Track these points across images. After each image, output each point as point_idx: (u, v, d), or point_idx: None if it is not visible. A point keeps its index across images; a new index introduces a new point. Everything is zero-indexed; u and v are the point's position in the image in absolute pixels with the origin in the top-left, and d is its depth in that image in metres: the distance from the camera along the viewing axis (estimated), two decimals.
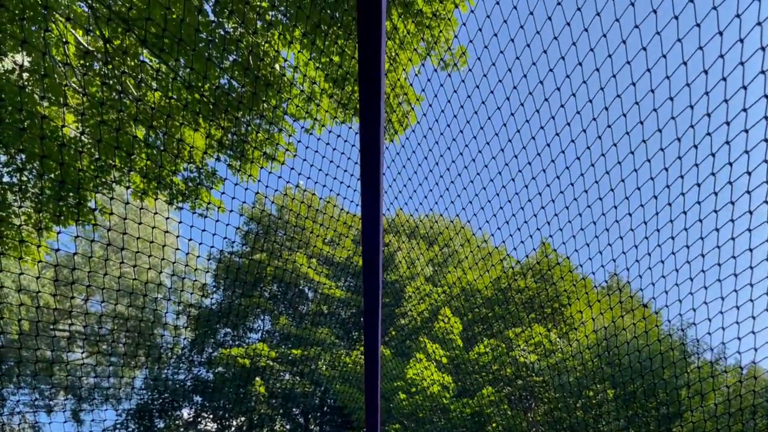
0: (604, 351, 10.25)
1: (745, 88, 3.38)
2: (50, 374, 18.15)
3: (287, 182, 6.42)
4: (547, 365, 13.03)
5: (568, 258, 13.30)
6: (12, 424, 17.14)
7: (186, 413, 19.33)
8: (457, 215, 7.23)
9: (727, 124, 3.68)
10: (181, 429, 17.49)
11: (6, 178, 6.90)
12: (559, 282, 13.92)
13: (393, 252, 18.90)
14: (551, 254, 14.08)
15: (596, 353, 11.34)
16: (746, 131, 3.53)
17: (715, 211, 4.14)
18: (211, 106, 6.61)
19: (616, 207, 4.87)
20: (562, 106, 4.37)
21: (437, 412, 13.59)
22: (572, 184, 4.98)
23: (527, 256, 13.47)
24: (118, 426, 17.78)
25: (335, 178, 6.68)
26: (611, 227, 5.10)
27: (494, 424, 13.25)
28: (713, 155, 3.89)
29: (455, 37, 6.84)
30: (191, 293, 18.69)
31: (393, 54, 6.72)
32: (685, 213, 4.39)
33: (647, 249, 4.97)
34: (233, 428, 19.01)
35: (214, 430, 18.94)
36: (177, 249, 6.81)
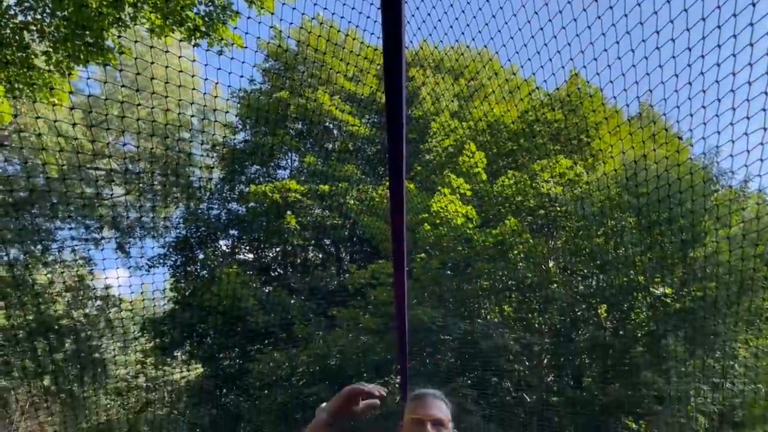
0: (630, 183, 10.26)
1: None
2: (93, 211, 19.18)
3: (302, 13, 6.07)
4: (571, 197, 13.20)
5: (601, 90, 12.78)
6: (64, 257, 18.48)
7: (224, 244, 20.59)
8: (485, 46, 6.86)
9: None
10: (220, 259, 18.69)
11: (20, 17, 6.70)
12: (590, 114, 13.58)
13: (417, 87, 18.40)
14: (582, 86, 13.56)
15: (622, 185, 11.40)
16: None
17: None
18: None
19: (658, 32, 4.51)
20: None
21: (461, 241, 14.17)
22: (612, 7, 4.59)
23: (557, 88, 12.97)
24: (161, 257, 19.05)
25: (353, 8, 6.30)
26: (651, 54, 4.77)
27: (516, 252, 13.83)
28: None
29: None
30: (213, 134, 18.86)
31: None
32: (735, 37, 4.04)
33: (689, 78, 4.66)
34: (269, 258, 20.29)
35: (251, 259, 20.25)
36: (193, 89, 6.70)
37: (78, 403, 14.23)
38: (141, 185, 19.64)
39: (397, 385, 13.63)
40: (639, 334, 12.66)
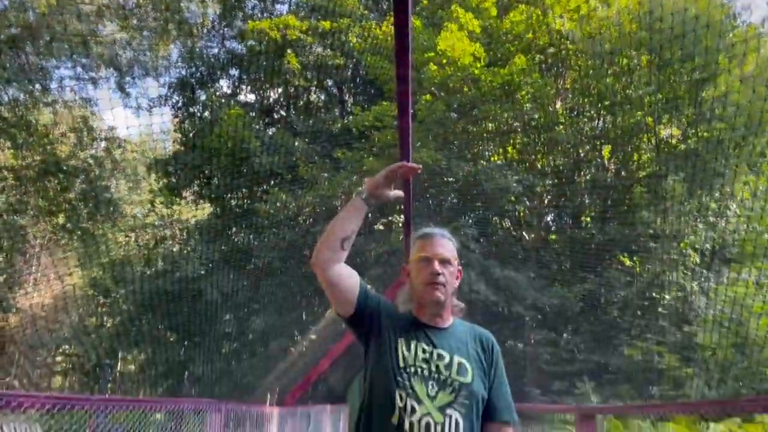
0: (647, 18, 9.67)
1: None
2: (88, 49, 18.39)
3: None
4: (584, 34, 12.58)
5: None
6: (63, 97, 18.09)
7: (225, 85, 20.13)
8: None
9: None
10: (222, 100, 18.34)
11: None
12: None
13: None
14: None
15: (637, 20, 10.78)
16: None
17: None
18: None
19: None
20: None
21: (468, 82, 13.77)
22: None
23: None
24: (163, 98, 18.71)
25: None
26: None
27: (523, 92, 13.50)
28: None
29: None
30: None
31: None
32: None
33: None
34: (271, 100, 19.92)
35: (252, 100, 19.91)
36: None
37: (94, 239, 14.85)
38: (135, 22, 18.67)
39: (401, 225, 14.16)
40: (641, 175, 12.81)
